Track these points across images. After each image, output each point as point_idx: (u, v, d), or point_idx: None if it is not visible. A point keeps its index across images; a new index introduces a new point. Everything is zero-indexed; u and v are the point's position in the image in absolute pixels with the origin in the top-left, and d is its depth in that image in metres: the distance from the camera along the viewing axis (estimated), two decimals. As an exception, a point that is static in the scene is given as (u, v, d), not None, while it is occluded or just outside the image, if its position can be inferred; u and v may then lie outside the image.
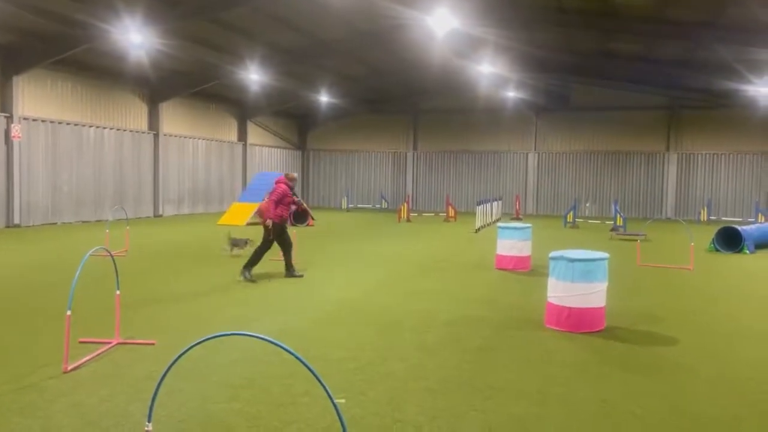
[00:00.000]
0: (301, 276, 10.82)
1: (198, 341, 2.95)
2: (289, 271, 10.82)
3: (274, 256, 11.62)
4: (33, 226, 19.92)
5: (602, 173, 32.00)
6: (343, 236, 19.01)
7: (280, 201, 10.55)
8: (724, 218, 28.54)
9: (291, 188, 10.82)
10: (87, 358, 5.82)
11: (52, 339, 6.37)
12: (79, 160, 21.92)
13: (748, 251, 15.44)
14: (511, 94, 30.47)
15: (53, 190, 20.91)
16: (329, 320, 7.76)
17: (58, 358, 5.64)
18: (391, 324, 7.57)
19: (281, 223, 10.58)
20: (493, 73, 25.73)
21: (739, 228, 15.98)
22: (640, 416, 4.76)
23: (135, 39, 17.90)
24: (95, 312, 7.68)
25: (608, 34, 21.18)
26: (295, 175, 11.22)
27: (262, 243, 10.65)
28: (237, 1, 17.35)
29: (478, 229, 21.05)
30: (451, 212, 26.22)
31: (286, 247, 10.75)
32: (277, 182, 10.83)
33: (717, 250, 15.77)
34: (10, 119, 19.12)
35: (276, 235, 10.54)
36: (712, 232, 17.03)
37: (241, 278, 10.29)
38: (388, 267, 12.44)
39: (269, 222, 10.44)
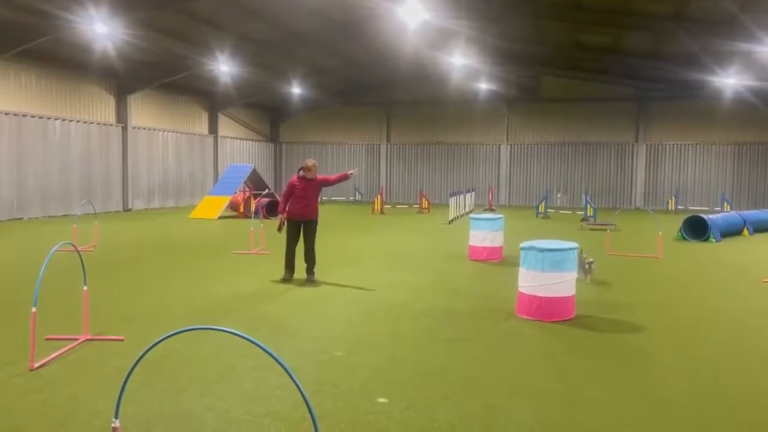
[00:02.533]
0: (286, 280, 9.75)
1: (166, 335, 2.92)
2: (310, 275, 9.75)
3: (239, 249, 11.51)
4: (-2, 221, 19.47)
5: (573, 164, 32.38)
6: (318, 228, 18.90)
7: (291, 194, 9.73)
8: (691, 207, 29.13)
9: (303, 177, 9.73)
10: (54, 355, 5.72)
11: (17, 336, 6.24)
12: (45, 154, 21.44)
13: (714, 240, 15.79)
14: (483, 86, 30.65)
15: (18, 185, 20.43)
16: (301, 311, 7.73)
17: (23, 356, 5.53)
18: (364, 316, 7.58)
19: (291, 218, 9.78)
20: (464, 65, 25.84)
21: (705, 217, 16.32)
22: (606, 402, 4.84)
23: (101, 30, 17.54)
24: (62, 308, 7.54)
25: (577, 26, 21.39)
26: (310, 162, 9.88)
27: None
28: (205, -9, 17.12)
29: (452, 220, 21.16)
30: (425, 204, 26.30)
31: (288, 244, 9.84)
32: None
33: (684, 239, 16.09)
34: (-29, 112, 18.62)
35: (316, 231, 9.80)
36: (679, 221, 17.37)
37: (311, 282, 9.56)
38: (362, 259, 12.44)
39: (281, 218, 9.81)
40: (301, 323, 7.21)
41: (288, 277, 9.75)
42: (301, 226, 9.79)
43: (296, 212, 9.70)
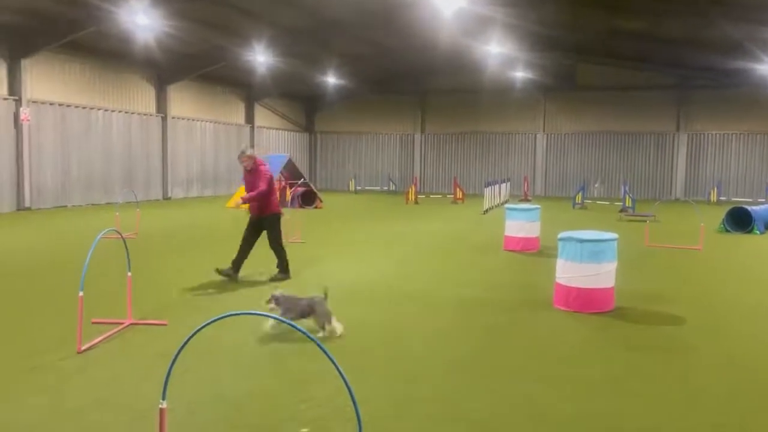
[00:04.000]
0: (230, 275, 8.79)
1: (211, 320, 2.99)
2: (282, 272, 9.02)
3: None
4: (43, 209, 20.06)
5: (611, 154, 31.81)
6: (352, 218, 19.04)
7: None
8: (734, 199, 28.35)
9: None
10: (100, 338, 5.89)
11: (65, 320, 6.44)
12: (88, 143, 21.99)
13: (758, 231, 15.36)
14: (519, 74, 30.24)
15: (63, 173, 21.02)
16: (338, 301, 7.79)
17: (71, 339, 5.71)
18: (399, 305, 7.61)
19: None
20: (500, 53, 25.52)
21: (749, 208, 15.88)
22: (646, 393, 4.78)
23: (142, 21, 17.85)
24: (107, 293, 7.76)
25: (615, 12, 20.93)
26: (242, 149, 9.15)
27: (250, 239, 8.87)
28: (243, -19, 17.27)
29: (486, 210, 21.02)
30: (459, 194, 26.18)
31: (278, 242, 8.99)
32: (262, 164, 8.96)
33: (727, 231, 15.69)
34: (18, 102, 19.18)
35: (277, 227, 8.96)
36: (722, 212, 16.94)
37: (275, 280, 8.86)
38: (396, 249, 12.47)
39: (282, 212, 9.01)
40: (337, 312, 7.26)
41: (230, 273, 8.75)
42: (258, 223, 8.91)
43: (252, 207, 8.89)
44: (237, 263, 8.82)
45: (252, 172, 8.90)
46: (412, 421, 4.27)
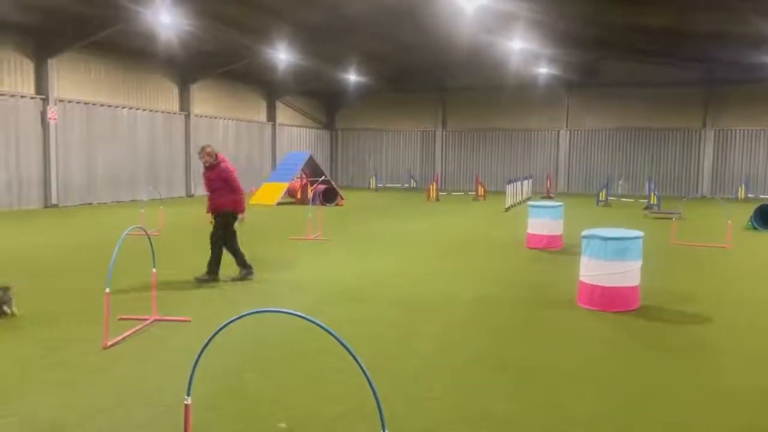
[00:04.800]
0: (207, 280, 8.50)
1: (236, 317, 3.00)
2: (211, 273, 8.59)
3: (296, 234, 11.62)
4: (70, 206, 20.39)
5: (636, 150, 31.38)
6: (373, 216, 19.05)
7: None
8: (762, 196, 27.80)
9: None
10: (125, 334, 5.97)
11: (92, 316, 6.54)
12: (113, 142, 22.30)
13: (787, 229, 15.05)
14: (542, 70, 29.94)
15: (89, 171, 21.34)
16: (358, 298, 7.81)
17: (97, 334, 5.79)
18: (419, 302, 7.60)
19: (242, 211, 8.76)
20: (523, 49, 25.30)
21: (778, 205, 15.57)
22: (671, 392, 4.71)
23: (165, 20, 18.03)
24: (133, 289, 7.86)
25: (639, 7, 20.60)
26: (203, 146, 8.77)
27: (228, 239, 8.77)
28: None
29: (508, 207, 20.89)
30: (481, 191, 26.04)
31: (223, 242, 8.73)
32: (223, 160, 8.70)
33: (755, 228, 15.40)
34: (46, 101, 19.50)
35: (225, 227, 8.69)
36: (749, 210, 16.62)
37: (233, 279, 8.71)
38: (418, 246, 12.44)
39: (243, 216, 8.73)
40: (356, 309, 7.28)
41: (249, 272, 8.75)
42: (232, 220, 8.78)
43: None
44: (241, 261, 8.80)
45: (213, 169, 8.58)
46: (425, 419, 4.25)
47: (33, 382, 4.85)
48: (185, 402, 3.10)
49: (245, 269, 8.79)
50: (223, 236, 8.70)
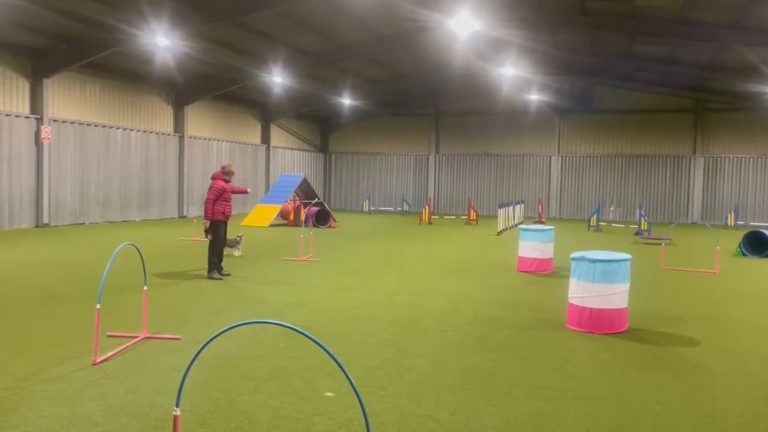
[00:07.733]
0: (227, 276, 10.61)
1: (225, 329, 3.05)
2: (211, 272, 10.52)
3: (288, 255, 11.64)
4: (61, 225, 20.34)
5: (627, 176, 31.68)
6: (365, 238, 19.10)
7: (219, 197, 10.51)
8: (752, 223, 28.06)
9: (227, 182, 10.82)
10: (115, 351, 5.97)
11: (81, 332, 6.53)
12: (107, 162, 22.33)
13: (775, 255, 15.19)
14: (534, 97, 30.36)
15: (81, 191, 21.33)
16: (351, 317, 7.84)
17: (87, 351, 5.79)
18: (412, 322, 7.63)
19: (224, 219, 10.60)
20: (515, 75, 25.66)
21: (766, 232, 15.73)
22: (658, 413, 4.76)
23: (161, 42, 18.22)
24: (123, 307, 7.86)
25: (632, 36, 21.01)
26: (233, 168, 11.26)
27: (211, 242, 10.55)
28: (261, 4, 17.56)
29: (500, 231, 21.00)
30: (473, 215, 26.18)
31: (218, 244, 10.56)
32: (214, 178, 10.73)
33: (743, 255, 15.55)
34: (40, 121, 19.57)
35: (213, 230, 10.49)
36: (738, 236, 16.79)
37: (213, 278, 10.36)
38: (410, 268, 12.49)
39: (207, 223, 10.46)
40: (346, 327, 7.31)
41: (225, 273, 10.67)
42: (221, 226, 10.71)
43: (227, 213, 10.75)
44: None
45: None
46: (421, 436, 4.27)
47: (23, 397, 4.83)
48: (174, 413, 3.12)
49: (219, 269, 10.60)
50: (215, 239, 10.63)
